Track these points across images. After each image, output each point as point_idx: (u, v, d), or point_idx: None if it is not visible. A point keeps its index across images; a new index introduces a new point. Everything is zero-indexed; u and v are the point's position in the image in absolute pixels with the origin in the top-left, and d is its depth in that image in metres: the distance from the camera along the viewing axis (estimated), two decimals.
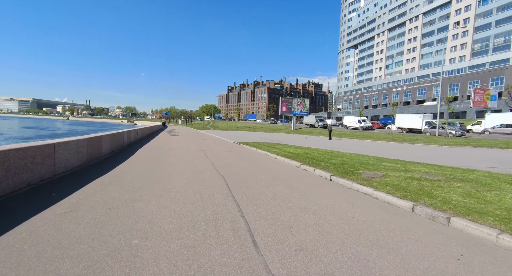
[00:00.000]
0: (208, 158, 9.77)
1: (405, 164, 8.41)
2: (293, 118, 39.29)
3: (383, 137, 23.86)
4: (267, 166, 8.55)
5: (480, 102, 34.90)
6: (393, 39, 77.38)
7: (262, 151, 12.75)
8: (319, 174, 7.35)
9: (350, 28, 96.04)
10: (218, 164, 8.35)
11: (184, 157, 9.57)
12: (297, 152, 11.86)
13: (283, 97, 38.77)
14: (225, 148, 14.15)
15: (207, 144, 16.71)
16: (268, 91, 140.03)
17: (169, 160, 8.63)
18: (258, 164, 9.00)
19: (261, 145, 15.56)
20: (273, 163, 9.34)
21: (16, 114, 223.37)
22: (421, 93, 66.83)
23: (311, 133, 32.93)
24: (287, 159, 9.88)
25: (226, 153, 11.97)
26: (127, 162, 7.78)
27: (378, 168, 7.51)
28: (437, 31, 62.82)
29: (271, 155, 11.44)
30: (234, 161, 9.28)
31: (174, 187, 5.12)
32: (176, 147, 13.52)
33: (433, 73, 63.85)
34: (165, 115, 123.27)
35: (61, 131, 52.28)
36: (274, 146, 15.34)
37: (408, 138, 22.83)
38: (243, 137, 24.58)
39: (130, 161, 8.01)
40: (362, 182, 5.90)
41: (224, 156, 10.69)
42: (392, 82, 76.40)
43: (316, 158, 9.66)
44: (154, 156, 9.33)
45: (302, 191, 5.41)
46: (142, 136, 18.73)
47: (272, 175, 7.04)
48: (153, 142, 16.54)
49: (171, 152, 11.06)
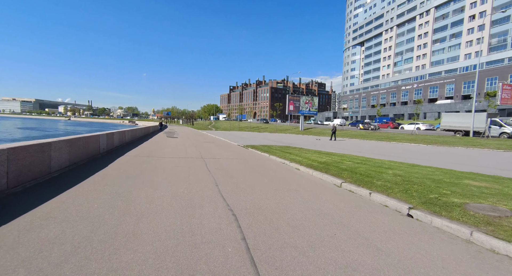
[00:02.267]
0: (210, 172, 7.13)
1: (500, 181, 5.72)
2: (301, 118, 36.52)
3: (407, 138, 21.06)
4: (293, 186, 5.89)
5: (507, 99, 31.79)
6: (402, 35, 74.24)
7: (277, 158, 10.11)
8: (382, 201, 4.69)
9: (356, 24, 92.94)
10: (224, 184, 5.72)
11: (176, 172, 6.95)
12: (323, 160, 9.19)
13: (290, 95, 36.02)
14: (231, 154, 11.51)
15: (209, 148, 14.09)
16: (271, 91, 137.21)
17: (153, 178, 5.98)
18: (279, 181, 6.34)
19: (273, 149, 12.91)
20: (298, 179, 6.68)
21: (18, 115, 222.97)
22: (433, 91, 63.75)
23: (322, 134, 30.17)
24: (316, 172, 7.23)
25: (232, 161, 9.34)
26: (76, 188, 4.78)
27: (470, 192, 4.83)
28: (451, 26, 59.66)
29: (291, 165, 8.79)
30: (246, 177, 6.64)
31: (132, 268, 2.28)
32: (170, 153, 10.90)
33: (446, 70, 60.71)
34: (166, 115, 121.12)
35: (51, 132, 50.03)
36: (289, 150, 12.69)
37: (440, 139, 19.93)
38: (248, 139, 21.95)
39: (84, 186, 5.00)
40: (488, 228, 3.23)
41: (232, 167, 8.06)
42: (401, 80, 73.29)
43: (356, 170, 7.00)
44: (132, 172, 6.66)
45: (394, 256, 2.73)
46: (132, 138, 16.12)
47: (313, 208, 4.37)
48: (144, 146, 13.95)
49: (161, 162, 8.43)
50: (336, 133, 22.18)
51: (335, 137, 22.02)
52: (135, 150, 11.64)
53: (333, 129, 22.00)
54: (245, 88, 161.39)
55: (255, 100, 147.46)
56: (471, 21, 56.37)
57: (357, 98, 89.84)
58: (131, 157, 9.08)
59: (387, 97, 77.44)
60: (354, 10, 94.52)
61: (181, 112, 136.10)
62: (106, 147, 9.95)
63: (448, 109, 52.37)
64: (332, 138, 21.86)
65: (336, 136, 22.24)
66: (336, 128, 22.41)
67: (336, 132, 22.12)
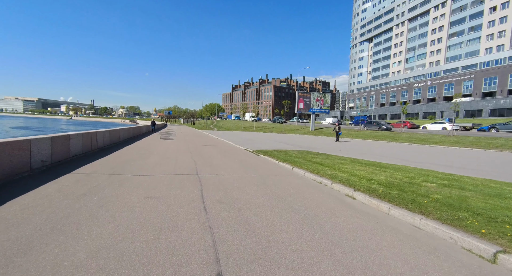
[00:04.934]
0: (208, 213, 3.89)
1: None
2: (311, 117, 33.08)
3: (449, 141, 17.59)
4: (387, 259, 2.61)
5: None
6: (414, 30, 70.33)
7: (307, 173, 6.84)
8: None
9: (364, 20, 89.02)
10: (235, 252, 2.47)
11: (139, 218, 3.72)
12: (383, 178, 5.93)
13: (301, 91, 32.61)
14: (239, 166, 8.24)
15: (209, 155, 10.84)
16: (274, 90, 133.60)
17: (70, 249, 2.78)
18: (342, 240, 3.07)
19: (294, 157, 9.63)
20: (374, 229, 3.40)
21: (20, 114, 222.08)
22: (448, 88, 59.87)
23: None
24: (395, 208, 3.93)
25: (243, 182, 6.08)
26: None
27: None
28: (469, 18, 55.73)
29: (335, 188, 5.50)
30: (276, 229, 3.39)
31: None
32: (151, 166, 7.64)
33: (463, 66, 56.80)
34: (167, 114, 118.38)
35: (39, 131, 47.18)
36: (314, 158, 9.39)
37: (499, 142, 16.36)
38: (256, 141, 18.68)
39: None
40: None
41: (244, 198, 4.80)
42: (414, 77, 69.40)
43: (474, 207, 3.69)
44: (40, 222, 3.49)
45: None
46: (110, 142, 12.76)
47: None
48: (122, 152, 10.73)
49: (126, 187, 5.11)
50: (341, 134, 20.02)
51: (338, 137, 19.61)
52: (103, 160, 8.32)
53: (336, 129, 19.73)
54: (247, 87, 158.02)
55: (258, 99, 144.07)
56: (492, 13, 52.44)
57: (365, 96, 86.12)
58: (81, 177, 5.78)
59: (397, 95, 73.59)
60: (362, 5, 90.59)
61: (182, 112, 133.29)
62: (49, 157, 6.69)
63: (468, 107, 48.67)
64: (338, 140, 19.46)
65: (339, 138, 19.97)
66: (338, 128, 19.73)
67: (339, 133, 19.70)
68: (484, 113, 46.37)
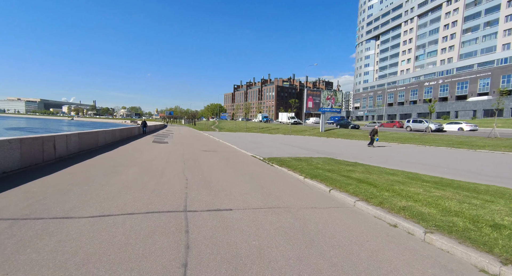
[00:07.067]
0: None
1: None
2: (321, 117, 30.44)
3: (496, 144, 14.89)
4: None
5: None
6: (424, 26, 67.35)
7: (359, 202, 4.22)
8: None
9: (371, 17, 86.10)
10: None
11: None
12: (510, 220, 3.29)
13: (310, 90, 29.96)
14: (249, 186, 5.65)
15: (207, 165, 8.26)
16: (277, 89, 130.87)
17: None
18: None
19: (320, 168, 7.02)
20: None
21: (22, 115, 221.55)
22: (462, 87, 56.85)
23: (351, 136, 24.07)
24: None
25: (263, 224, 3.51)
26: None
27: None
28: (485, 13, 52.74)
29: (443, 246, 2.88)
30: None
31: None
32: (116, 190, 5.08)
33: (479, 63, 53.76)
34: (168, 115, 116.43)
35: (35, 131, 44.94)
36: (353, 174, 6.76)
37: None
38: (263, 144, 16.11)
39: None
40: None
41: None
42: (424, 75, 66.40)
43: None
44: None
45: None
46: (79, 149, 9.58)
47: None
48: (81, 167, 8.19)
49: (35, 256, 2.61)
50: (377, 140, 16.54)
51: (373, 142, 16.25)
52: (38, 182, 5.39)
53: (372, 133, 16.13)
54: (250, 87, 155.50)
55: (260, 99, 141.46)
56: (509, 7, 49.46)
57: (372, 96, 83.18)
58: None
59: (406, 94, 70.62)
60: (368, 1, 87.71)
61: (184, 112, 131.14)
62: None
63: (487, 106, 45.70)
64: (372, 143, 16.14)
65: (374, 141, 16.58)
66: (376, 130, 16.31)
67: (377, 139, 16.26)
68: (506, 113, 43.33)
